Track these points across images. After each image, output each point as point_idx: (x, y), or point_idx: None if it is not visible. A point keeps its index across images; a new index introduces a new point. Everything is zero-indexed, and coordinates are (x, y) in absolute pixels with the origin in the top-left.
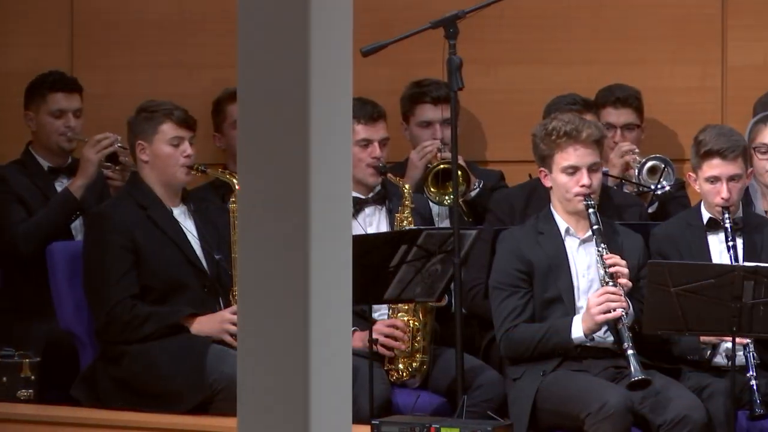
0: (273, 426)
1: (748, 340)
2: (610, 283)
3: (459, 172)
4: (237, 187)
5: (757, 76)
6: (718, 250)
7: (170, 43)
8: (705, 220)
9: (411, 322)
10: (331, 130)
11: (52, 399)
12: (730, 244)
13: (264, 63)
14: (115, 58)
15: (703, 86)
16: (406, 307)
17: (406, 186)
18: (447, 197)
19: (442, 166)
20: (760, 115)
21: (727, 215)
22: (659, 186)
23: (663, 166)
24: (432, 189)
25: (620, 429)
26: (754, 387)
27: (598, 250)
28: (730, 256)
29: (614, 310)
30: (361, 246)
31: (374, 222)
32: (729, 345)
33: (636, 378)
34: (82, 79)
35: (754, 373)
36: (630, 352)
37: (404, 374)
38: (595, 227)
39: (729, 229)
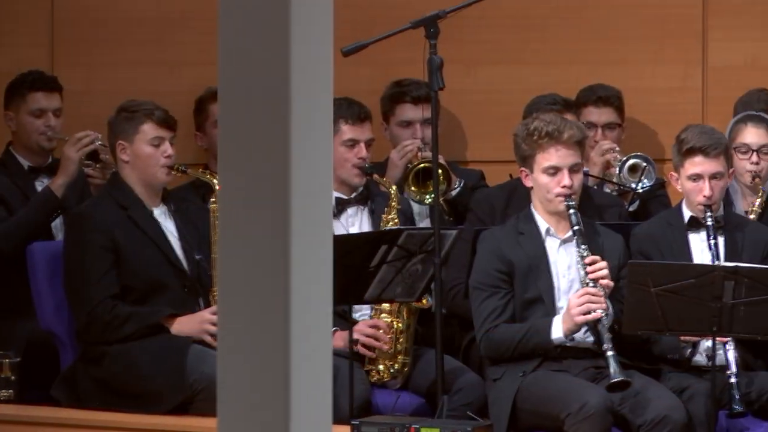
0: (253, 426)
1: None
2: (591, 284)
3: (440, 171)
4: (217, 187)
5: (738, 76)
6: (699, 249)
7: (151, 41)
8: (686, 219)
9: (395, 323)
10: (312, 129)
11: (32, 399)
12: (712, 242)
13: (245, 61)
14: (95, 55)
15: (684, 86)
16: (389, 308)
17: (393, 187)
18: (428, 196)
19: (422, 165)
20: (741, 115)
21: (709, 213)
22: (640, 183)
23: (644, 164)
24: (413, 188)
25: (600, 429)
26: (734, 384)
27: (579, 251)
28: (712, 254)
29: (594, 311)
30: (341, 246)
31: (357, 222)
32: (709, 343)
33: (615, 379)
34: (62, 77)
35: (735, 370)
36: (609, 353)
37: (385, 375)
38: (575, 228)
39: (711, 227)
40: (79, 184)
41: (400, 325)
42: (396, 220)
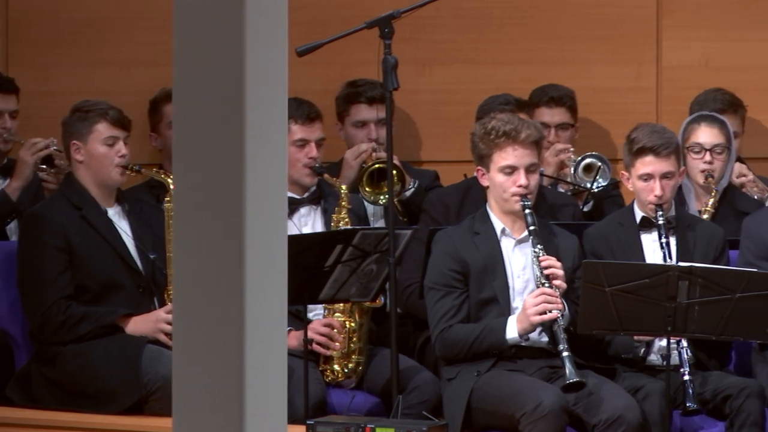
0: (208, 426)
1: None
2: (546, 284)
3: (394, 172)
4: (172, 186)
5: (692, 76)
6: (652, 249)
7: (105, 41)
8: (638, 219)
9: (347, 323)
10: (267, 129)
11: None
12: (663, 241)
13: (199, 61)
14: (50, 55)
15: (638, 86)
16: (342, 308)
17: (343, 187)
18: (382, 197)
19: (377, 165)
20: (694, 114)
21: (660, 213)
22: (595, 183)
23: (599, 163)
24: (367, 189)
25: (555, 429)
26: (688, 382)
27: (535, 251)
28: (664, 254)
29: (551, 311)
30: (296, 246)
31: (309, 222)
32: (663, 343)
33: (570, 380)
34: (16, 77)
35: (688, 368)
36: (565, 354)
37: (339, 375)
38: (531, 228)
39: (662, 227)
40: (34, 188)
41: (352, 324)
42: (347, 220)
